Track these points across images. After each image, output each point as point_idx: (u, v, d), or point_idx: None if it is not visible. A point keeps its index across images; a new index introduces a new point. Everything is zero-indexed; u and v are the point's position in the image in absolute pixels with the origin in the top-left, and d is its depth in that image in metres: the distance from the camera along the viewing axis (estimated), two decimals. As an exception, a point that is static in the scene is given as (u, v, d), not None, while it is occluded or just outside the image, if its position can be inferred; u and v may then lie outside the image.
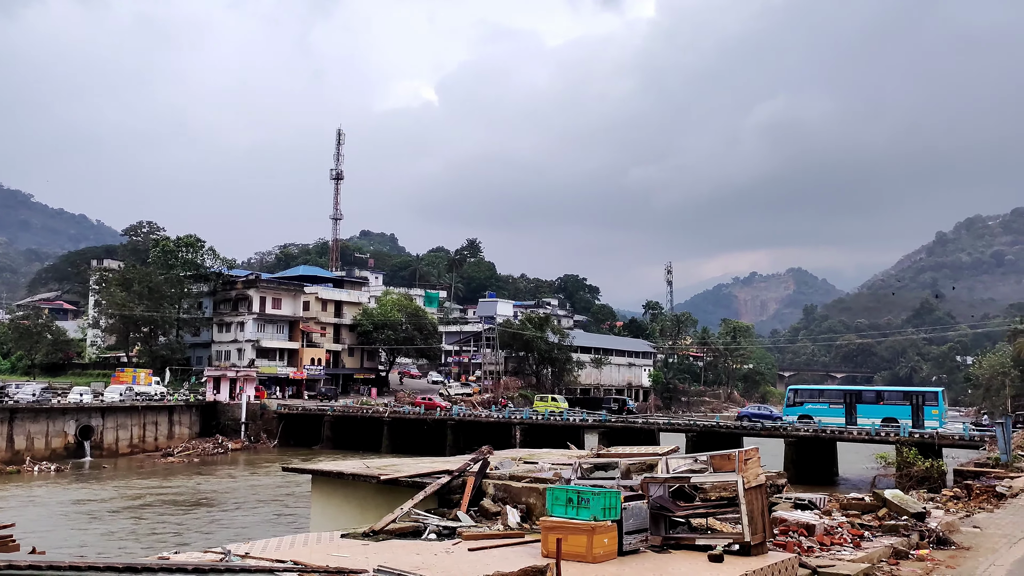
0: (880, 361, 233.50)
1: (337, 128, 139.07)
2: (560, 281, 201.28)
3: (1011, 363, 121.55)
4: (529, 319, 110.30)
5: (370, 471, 16.82)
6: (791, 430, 55.71)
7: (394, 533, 12.95)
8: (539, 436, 61.61)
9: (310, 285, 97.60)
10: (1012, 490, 25.26)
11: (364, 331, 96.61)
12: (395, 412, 71.97)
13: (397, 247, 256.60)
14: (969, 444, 48.52)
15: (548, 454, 22.08)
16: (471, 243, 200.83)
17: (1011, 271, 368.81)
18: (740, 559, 11.15)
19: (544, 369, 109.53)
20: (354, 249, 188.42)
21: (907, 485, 34.31)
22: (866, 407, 59.25)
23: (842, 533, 14.73)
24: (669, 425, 62.34)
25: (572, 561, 10.48)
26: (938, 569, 13.41)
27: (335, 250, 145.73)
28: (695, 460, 13.70)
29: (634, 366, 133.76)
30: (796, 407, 62.42)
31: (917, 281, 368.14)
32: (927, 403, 57.46)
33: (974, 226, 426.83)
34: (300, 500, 39.47)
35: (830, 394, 65.39)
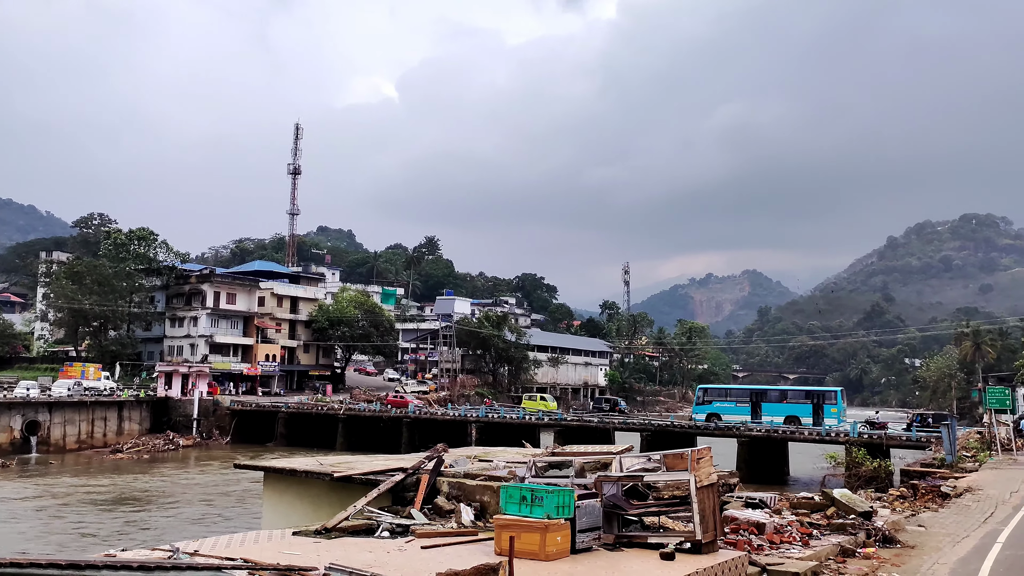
0: (832, 362, 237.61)
1: (295, 123, 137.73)
2: (518, 280, 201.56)
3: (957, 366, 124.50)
4: (487, 317, 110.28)
5: (323, 468, 16.68)
6: (744, 430, 56.35)
7: (347, 531, 12.85)
8: (495, 434, 61.59)
9: (266, 280, 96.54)
10: (956, 490, 25.81)
11: (320, 328, 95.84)
12: (350, 409, 71.46)
13: (355, 243, 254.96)
14: (916, 445, 49.52)
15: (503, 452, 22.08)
16: (429, 240, 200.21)
17: (958, 276, 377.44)
18: (691, 557, 11.25)
19: (501, 368, 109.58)
20: (311, 245, 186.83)
21: (855, 485, 34.92)
22: (770, 405, 61.53)
23: (791, 532, 14.93)
24: (624, 424, 62.67)
25: (525, 559, 10.47)
26: (884, 567, 13.66)
27: (292, 245, 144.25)
28: (648, 459, 13.78)
29: (591, 365, 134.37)
30: (705, 405, 64.33)
31: (868, 284, 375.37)
32: (827, 402, 59.89)
33: (924, 231, 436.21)
34: (252, 498, 39.02)
35: (736, 393, 67.81)
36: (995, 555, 14.96)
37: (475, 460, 19.02)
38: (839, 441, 51.12)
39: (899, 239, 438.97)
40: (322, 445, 63.67)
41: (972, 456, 38.76)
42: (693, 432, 58.44)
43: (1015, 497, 24.44)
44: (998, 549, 15.63)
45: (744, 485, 27.86)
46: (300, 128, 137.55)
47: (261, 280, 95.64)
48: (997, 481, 28.95)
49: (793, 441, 55.95)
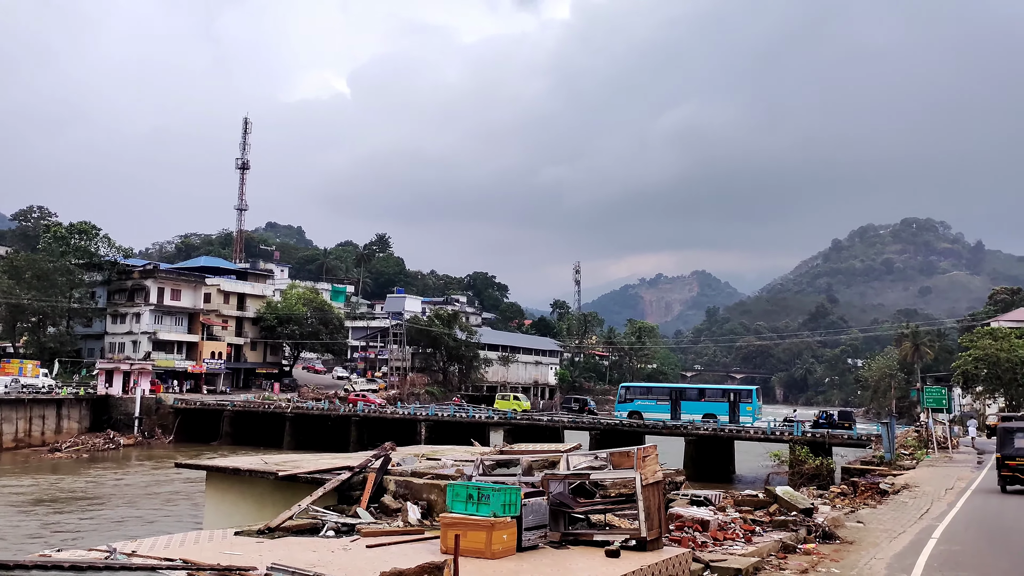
0: (778, 362, 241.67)
1: (244, 117, 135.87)
2: (469, 278, 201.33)
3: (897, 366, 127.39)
4: (437, 316, 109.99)
5: (268, 467, 16.47)
6: (691, 429, 57.01)
7: (291, 530, 12.70)
8: (444, 433, 61.47)
9: (212, 277, 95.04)
10: (894, 487, 26.43)
11: (268, 325, 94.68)
12: (298, 408, 70.73)
13: (304, 240, 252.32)
14: (857, 443, 50.58)
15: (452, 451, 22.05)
16: (380, 238, 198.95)
17: (899, 278, 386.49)
18: (636, 554, 11.33)
19: (451, 366, 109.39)
20: (259, 241, 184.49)
21: (798, 482, 35.51)
22: (689, 404, 63.45)
23: (735, 528, 15.14)
24: (573, 423, 62.97)
25: (471, 557, 10.46)
26: (823, 562, 13.92)
27: (239, 241, 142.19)
28: (595, 457, 13.86)
29: (541, 364, 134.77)
30: (627, 403, 65.71)
31: (813, 286, 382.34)
32: (743, 400, 62.07)
33: (867, 234, 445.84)
34: (194, 497, 38.38)
35: (657, 391, 69.54)
36: (930, 550, 15.35)
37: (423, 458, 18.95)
38: (783, 439, 51.96)
39: (843, 242, 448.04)
40: (269, 444, 62.90)
41: (910, 454, 39.76)
42: (641, 431, 58.97)
43: (950, 494, 25.11)
44: (933, 544, 16.03)
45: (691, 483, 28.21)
46: (249, 122, 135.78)
47: (207, 276, 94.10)
48: (933, 478, 29.71)
49: (739, 440, 56.76)
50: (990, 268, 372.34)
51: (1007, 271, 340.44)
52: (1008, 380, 71.58)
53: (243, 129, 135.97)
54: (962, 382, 79.09)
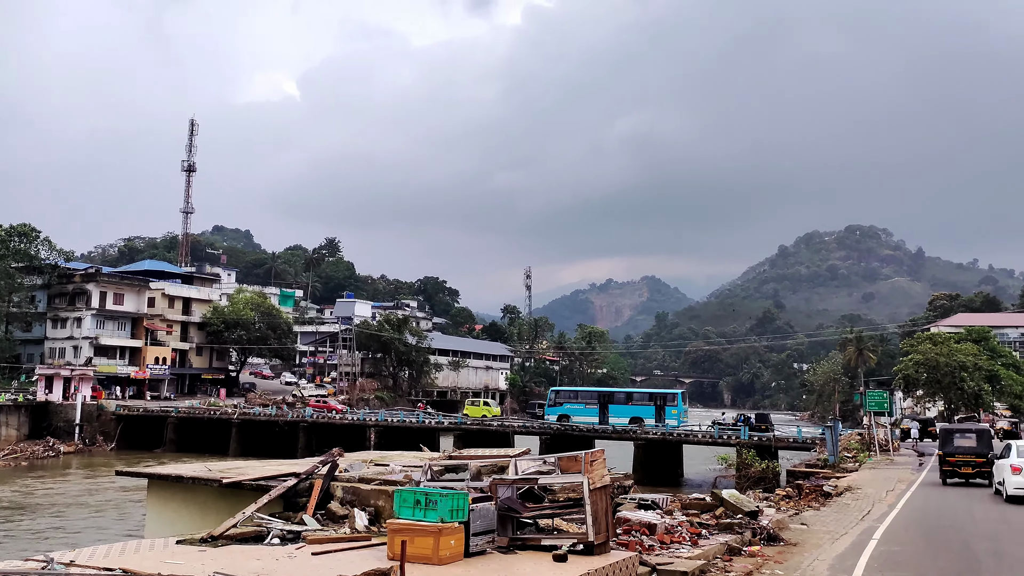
0: (725, 367, 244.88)
1: (190, 118, 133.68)
2: (420, 283, 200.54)
3: (841, 370, 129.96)
4: (387, 320, 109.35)
5: (211, 474, 16.17)
6: (641, 433, 57.45)
7: (234, 538, 12.49)
8: (394, 438, 61.11)
9: (156, 280, 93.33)
10: (837, 489, 26.93)
11: (214, 330, 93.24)
12: (245, 414, 69.73)
13: (252, 244, 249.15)
14: (802, 446, 51.41)
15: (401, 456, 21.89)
16: (330, 242, 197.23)
17: (844, 284, 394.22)
18: (584, 558, 11.37)
19: (402, 371, 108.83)
20: (206, 244, 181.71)
21: (745, 485, 36.01)
22: (617, 407, 64.76)
23: (682, 532, 15.28)
24: (524, 428, 63.05)
25: (418, 563, 10.40)
26: (767, 564, 14.11)
27: (185, 245, 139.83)
28: (544, 462, 13.88)
29: (492, 369, 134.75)
30: (556, 407, 66.92)
31: (761, 291, 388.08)
32: (668, 404, 63.80)
33: (812, 241, 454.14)
34: (136, 506, 37.59)
35: (585, 395, 70.60)
36: (871, 551, 15.65)
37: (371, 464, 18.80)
38: (731, 443, 52.63)
39: (789, 248, 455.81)
40: (215, 451, 61.88)
41: (853, 457, 40.53)
42: (591, 435, 59.21)
43: (891, 495, 25.65)
44: (873, 545, 16.35)
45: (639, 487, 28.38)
46: (195, 124, 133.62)
47: (151, 280, 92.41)
48: (875, 480, 30.34)
49: (688, 444, 57.33)
50: (930, 275, 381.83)
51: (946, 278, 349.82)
52: (947, 384, 73.50)
53: (190, 131, 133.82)
54: (903, 386, 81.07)
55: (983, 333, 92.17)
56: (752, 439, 52.39)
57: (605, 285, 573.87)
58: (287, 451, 58.02)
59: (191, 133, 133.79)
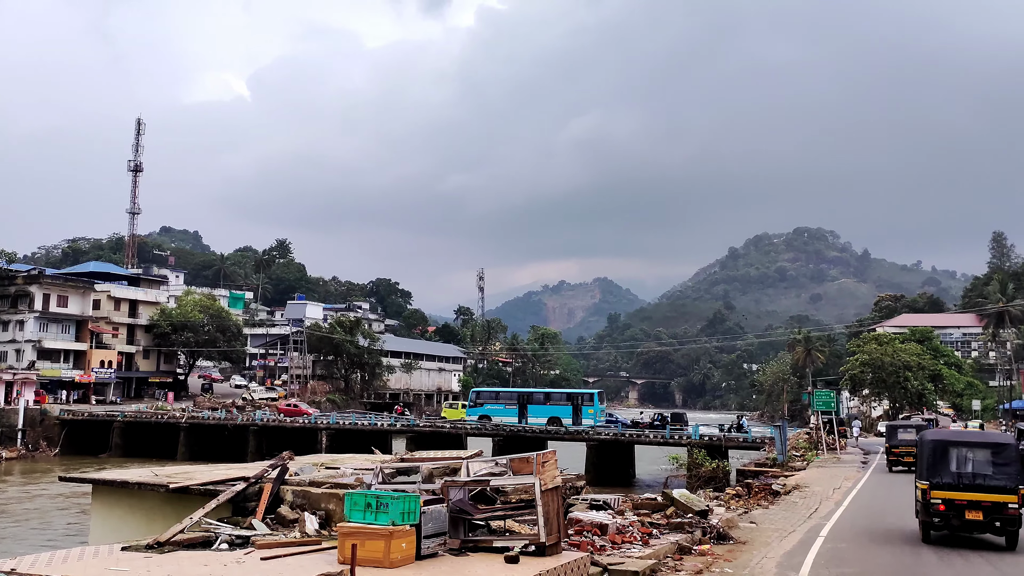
0: (677, 368, 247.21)
1: (137, 117, 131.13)
2: (372, 285, 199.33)
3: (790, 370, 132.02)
4: (339, 323, 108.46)
5: (158, 479, 15.91)
6: (593, 434, 57.71)
7: (182, 544, 12.29)
8: (346, 441, 60.60)
9: (102, 282, 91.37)
10: (786, 488, 27.35)
11: (162, 332, 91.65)
12: (193, 418, 68.60)
13: (201, 245, 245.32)
14: (752, 446, 52.09)
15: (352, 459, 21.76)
16: (281, 243, 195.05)
17: (792, 285, 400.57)
18: (535, 559, 11.40)
19: (354, 374, 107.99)
20: (153, 246, 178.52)
21: (696, 485, 36.34)
22: (535, 407, 65.66)
23: (633, 532, 15.39)
24: (477, 429, 62.97)
25: (369, 567, 10.34)
26: (717, 563, 14.28)
27: (131, 246, 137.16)
28: (496, 464, 13.88)
29: (444, 371, 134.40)
30: (477, 407, 67.85)
31: (711, 293, 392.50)
32: (585, 404, 64.71)
33: (761, 243, 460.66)
34: (81, 513, 36.77)
35: (505, 396, 71.50)
36: (817, 548, 15.93)
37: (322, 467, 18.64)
38: (682, 443, 53.10)
39: (739, 250, 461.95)
40: (162, 455, 60.79)
41: (801, 456, 41.22)
42: (544, 436, 59.30)
43: (837, 493, 26.14)
44: (820, 542, 16.65)
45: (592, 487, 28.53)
46: (142, 123, 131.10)
47: (97, 282, 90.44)
48: (822, 479, 30.88)
49: (640, 444, 57.73)
50: (876, 276, 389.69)
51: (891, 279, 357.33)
52: (892, 383, 75.17)
53: (136, 130, 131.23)
54: (850, 386, 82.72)
55: (926, 333, 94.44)
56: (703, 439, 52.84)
57: (558, 287, 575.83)
58: (237, 455, 57.23)
59: (138, 133, 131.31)
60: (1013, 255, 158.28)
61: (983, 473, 16.69)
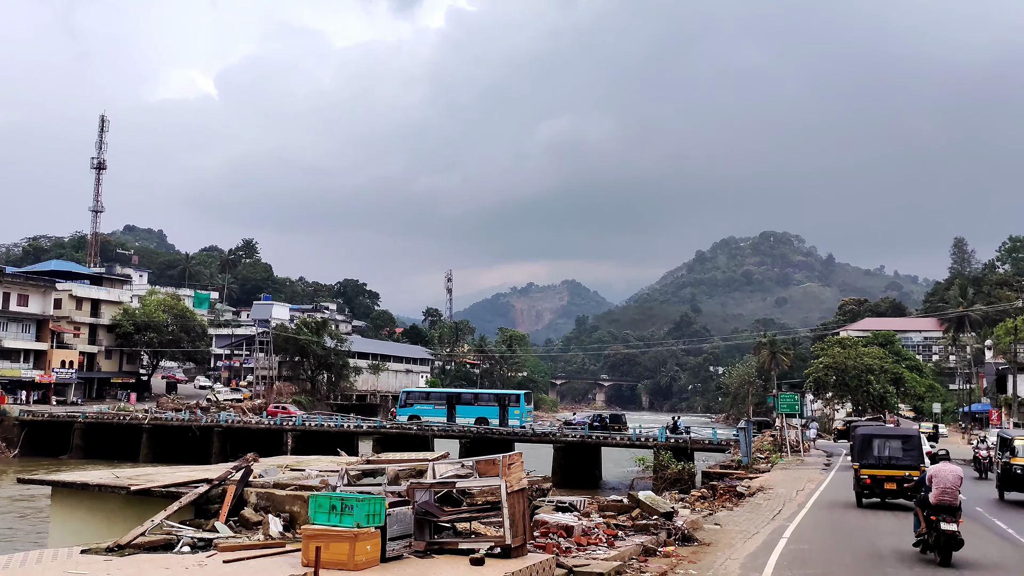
0: (644, 370, 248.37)
1: (101, 114, 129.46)
2: (340, 286, 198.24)
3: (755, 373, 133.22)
4: (305, 323, 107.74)
5: (119, 481, 15.69)
6: (560, 436, 57.86)
7: (143, 547, 12.14)
8: (312, 443, 60.17)
9: (63, 281, 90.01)
10: (750, 489, 27.60)
11: (125, 332, 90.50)
12: (156, 419, 67.78)
13: (166, 244, 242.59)
14: (717, 448, 52.50)
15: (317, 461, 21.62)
16: (247, 243, 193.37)
17: (758, 289, 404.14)
18: (501, 561, 11.39)
19: (320, 375, 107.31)
20: (116, 245, 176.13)
21: (661, 487, 36.61)
22: (464, 407, 67.50)
23: (598, 533, 15.44)
24: (444, 431, 62.87)
25: (333, 569, 10.29)
26: (681, 564, 14.37)
27: (94, 245, 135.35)
28: (462, 465, 13.87)
29: (412, 372, 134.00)
30: (407, 408, 69.32)
31: (678, 296, 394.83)
32: (511, 404, 66.52)
33: (728, 247, 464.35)
34: (40, 515, 36.15)
35: (435, 396, 73.14)
36: (780, 549, 16.09)
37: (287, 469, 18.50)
38: (648, 445, 53.40)
39: (706, 253, 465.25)
40: (124, 457, 59.97)
41: (765, 458, 41.62)
42: (511, 438, 59.34)
43: (800, 495, 26.42)
44: (783, 544, 16.81)
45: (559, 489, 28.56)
46: (106, 120, 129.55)
47: (58, 281, 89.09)
48: (786, 480, 31.20)
49: (606, 446, 57.97)
50: (840, 280, 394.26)
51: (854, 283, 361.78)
52: (854, 386, 76.16)
53: (100, 127, 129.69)
54: (814, 388, 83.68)
55: (888, 337, 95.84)
56: (669, 441, 53.19)
57: (526, 289, 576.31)
58: (201, 457, 56.57)
59: (101, 130, 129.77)
60: (974, 260, 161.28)
61: (895, 456, 23.33)
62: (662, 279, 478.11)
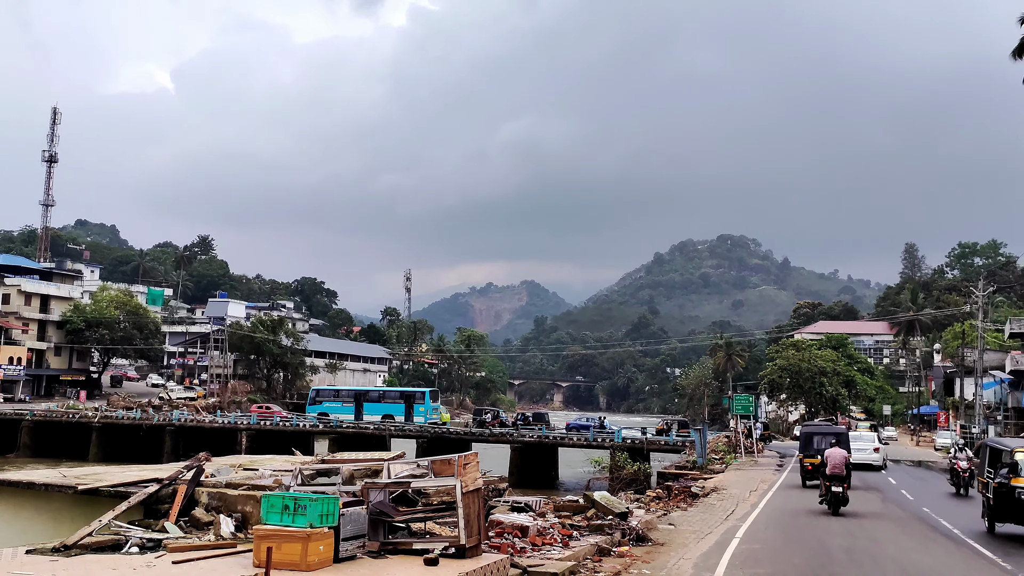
0: (602, 371, 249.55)
1: (53, 106, 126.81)
2: (297, 284, 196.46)
3: (711, 375, 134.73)
4: (261, 321, 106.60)
5: (67, 480, 15.41)
6: (517, 436, 57.85)
7: (90, 547, 11.93)
8: (267, 442, 59.50)
9: (11, 276, 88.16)
10: (704, 490, 27.86)
11: (75, 329, 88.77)
12: (107, 417, 66.56)
13: (119, 240, 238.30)
14: (673, 449, 52.87)
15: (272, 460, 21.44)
16: (203, 240, 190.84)
17: (715, 291, 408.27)
18: (455, 562, 11.37)
19: (276, 373, 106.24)
20: (68, 239, 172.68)
21: (617, 487, 36.76)
22: (371, 405, 70.05)
23: (553, 533, 15.49)
24: (401, 431, 62.58)
25: (285, 570, 10.18)
26: (635, 564, 14.45)
27: (44, 239, 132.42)
28: (418, 465, 13.83)
29: (369, 372, 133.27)
30: (316, 405, 71.36)
31: (636, 297, 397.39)
32: (416, 402, 69.23)
33: (686, 249, 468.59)
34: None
35: (344, 394, 74.80)
36: (733, 549, 16.26)
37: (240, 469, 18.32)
38: (605, 446, 53.60)
39: (664, 256, 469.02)
40: (74, 456, 58.80)
41: (720, 459, 42.06)
42: (469, 438, 59.22)
43: (753, 495, 26.74)
44: (736, 544, 16.99)
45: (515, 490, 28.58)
46: (58, 112, 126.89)
47: (6, 275, 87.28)
48: (740, 481, 31.56)
49: (563, 447, 58.08)
50: (795, 284, 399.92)
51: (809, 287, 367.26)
52: (808, 388, 77.34)
53: (52, 119, 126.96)
54: (768, 390, 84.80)
55: (841, 340, 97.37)
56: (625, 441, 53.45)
57: (485, 289, 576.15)
58: (152, 456, 55.66)
59: (53, 122, 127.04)
60: (924, 266, 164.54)
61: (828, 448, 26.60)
62: (620, 280, 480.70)
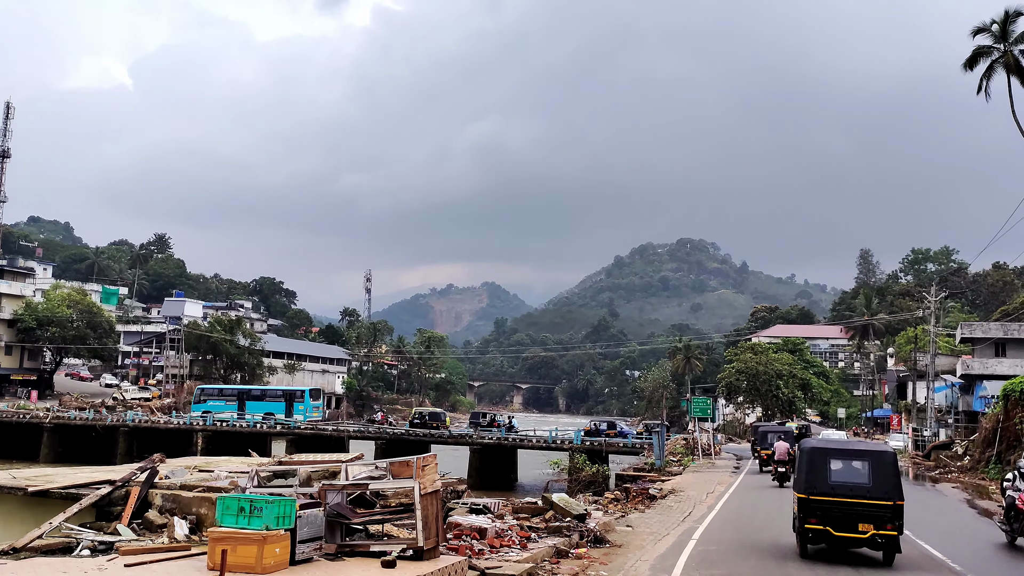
0: (562, 373, 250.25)
1: (6, 100, 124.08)
2: (256, 284, 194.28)
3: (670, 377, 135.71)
4: (219, 321, 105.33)
5: (16, 482, 15.10)
6: (476, 438, 57.83)
7: (40, 550, 11.71)
8: (223, 444, 58.84)
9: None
10: (662, 492, 28.08)
11: (26, 327, 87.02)
12: (58, 417, 65.31)
13: (73, 237, 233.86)
14: (631, 451, 53.22)
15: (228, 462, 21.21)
16: (159, 238, 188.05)
17: (674, 295, 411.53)
18: (412, 564, 11.34)
19: (233, 374, 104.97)
20: (20, 236, 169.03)
21: (576, 489, 36.92)
22: (253, 403, 71.63)
23: (511, 536, 15.50)
24: (360, 432, 62.20)
25: (240, 572, 10.08)
26: (593, 565, 14.53)
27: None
28: (376, 467, 13.77)
29: (328, 373, 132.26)
30: (201, 403, 72.22)
31: (597, 300, 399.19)
32: (296, 400, 71.52)
33: (646, 252, 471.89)
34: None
35: (228, 393, 76.56)
36: (689, 551, 16.42)
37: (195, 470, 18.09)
38: (564, 448, 53.79)
39: (625, 259, 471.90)
40: (24, 457, 57.57)
41: (678, 461, 42.44)
42: (428, 440, 59.02)
43: (710, 497, 27.01)
44: (692, 545, 17.16)
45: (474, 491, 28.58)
46: (11, 107, 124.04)
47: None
48: (697, 483, 31.85)
49: (522, 448, 58.16)
50: (753, 288, 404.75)
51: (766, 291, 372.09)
52: (765, 391, 78.31)
53: (4, 114, 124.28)
54: (726, 393, 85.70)
55: (797, 344, 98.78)
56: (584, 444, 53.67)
57: (446, 290, 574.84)
58: (105, 457, 54.76)
59: (6, 116, 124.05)
60: (878, 271, 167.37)
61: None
62: (581, 283, 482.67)
